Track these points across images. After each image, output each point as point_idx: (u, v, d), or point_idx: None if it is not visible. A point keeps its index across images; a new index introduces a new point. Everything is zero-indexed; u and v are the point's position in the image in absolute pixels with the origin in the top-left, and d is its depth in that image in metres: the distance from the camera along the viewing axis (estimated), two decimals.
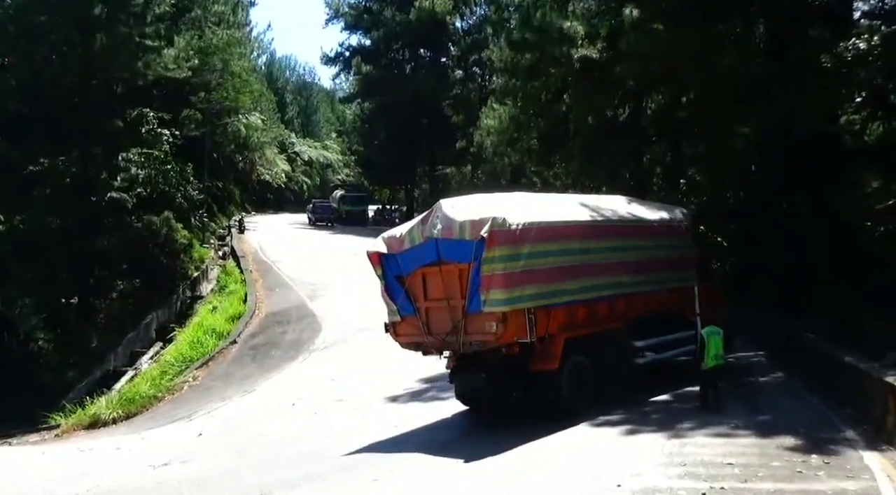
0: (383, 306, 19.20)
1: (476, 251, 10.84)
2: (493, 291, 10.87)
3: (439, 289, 11.43)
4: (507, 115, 28.22)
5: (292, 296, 26.72)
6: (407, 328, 11.93)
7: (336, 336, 20.74)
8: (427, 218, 11.62)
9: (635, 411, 11.93)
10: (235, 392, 16.72)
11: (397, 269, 11.88)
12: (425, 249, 11.51)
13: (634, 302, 12.79)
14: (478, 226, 10.92)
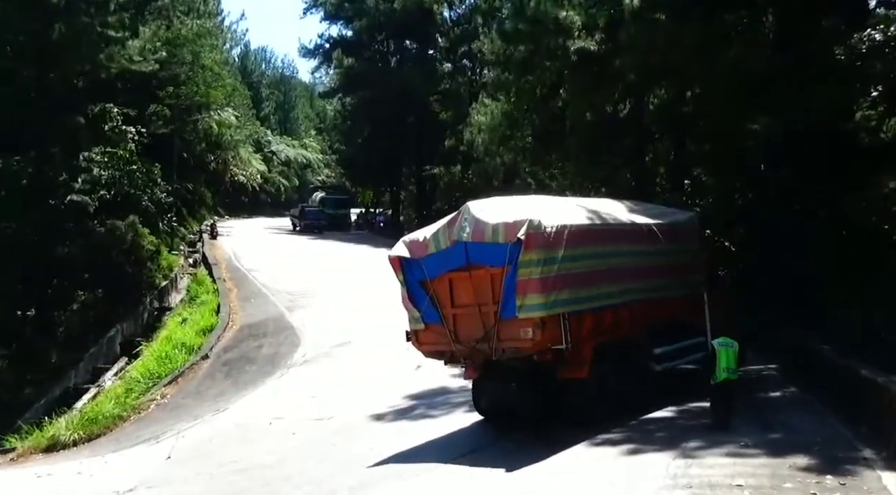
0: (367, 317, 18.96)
1: (511, 254, 11.13)
2: (529, 296, 11.14)
3: (468, 295, 11.68)
4: (500, 112, 28.29)
5: (269, 307, 26.62)
6: (431, 336, 12.15)
7: (316, 350, 20.67)
8: (454, 221, 11.84)
9: (637, 429, 11.94)
10: (207, 410, 16.60)
11: (420, 274, 12.10)
12: (453, 253, 11.75)
13: (653, 308, 13.15)
14: (513, 229, 11.21)
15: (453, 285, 11.85)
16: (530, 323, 11.17)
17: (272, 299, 27.84)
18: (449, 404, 14.69)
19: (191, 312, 27.50)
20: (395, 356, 19.01)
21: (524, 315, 11.16)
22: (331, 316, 24.54)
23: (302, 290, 28.97)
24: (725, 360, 11.70)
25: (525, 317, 11.16)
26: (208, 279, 32.18)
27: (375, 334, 21.57)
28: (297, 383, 17.79)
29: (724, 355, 11.74)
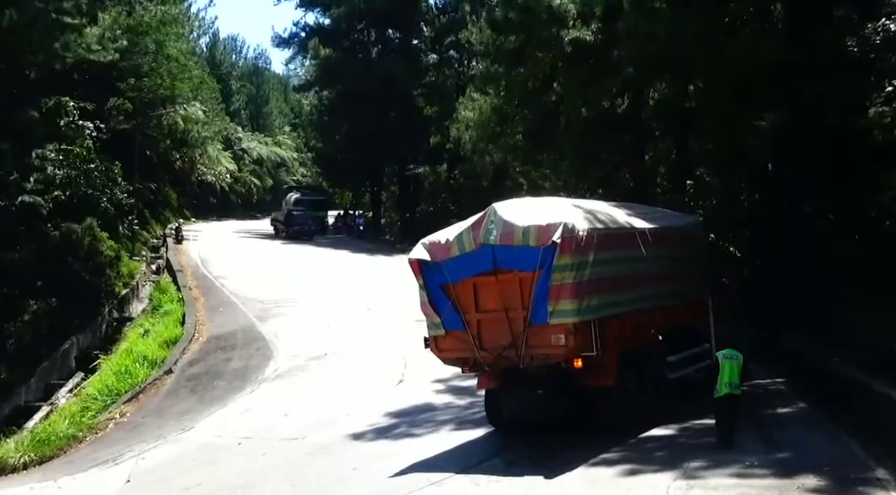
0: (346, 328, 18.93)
1: (543, 258, 11.61)
2: (561, 301, 11.61)
3: (495, 300, 12.11)
4: (489, 107, 28.36)
5: (239, 317, 26.51)
6: (452, 343, 12.51)
7: (290, 363, 20.60)
8: (479, 223, 12.22)
9: (637, 447, 11.96)
10: (171, 430, 16.49)
11: (442, 278, 12.46)
12: (479, 257, 12.13)
13: (666, 314, 13.67)
14: (545, 232, 11.67)
15: (478, 290, 12.28)
16: (562, 329, 11.64)
17: (242, 308, 27.72)
18: (433, 422, 14.67)
19: (153, 323, 27.32)
20: (376, 370, 18.98)
21: (556, 321, 11.64)
22: (306, 326, 24.47)
23: (275, 299, 28.88)
24: (728, 374, 11.76)
25: (557, 323, 11.64)
26: (173, 287, 31.99)
27: (354, 346, 21.52)
28: (268, 399, 17.70)
29: (728, 368, 11.79)
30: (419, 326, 23.69)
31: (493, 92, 28.05)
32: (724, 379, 11.74)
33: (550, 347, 11.77)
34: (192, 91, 52.78)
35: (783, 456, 11.29)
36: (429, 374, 17.80)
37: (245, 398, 18.11)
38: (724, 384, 11.74)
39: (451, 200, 52.36)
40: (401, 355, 19.86)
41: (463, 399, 15.95)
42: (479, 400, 15.81)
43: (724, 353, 11.93)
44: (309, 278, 33.53)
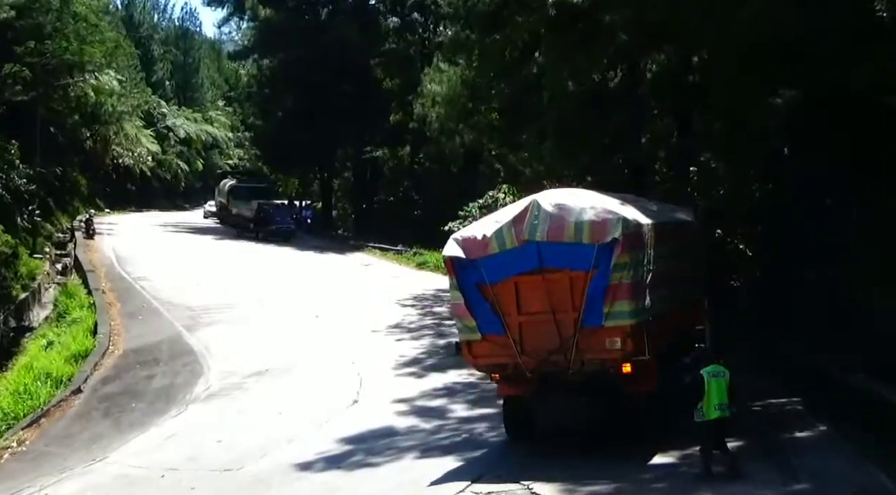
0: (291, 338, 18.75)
1: (598, 256, 12.37)
2: (618, 302, 12.37)
3: (540, 301, 12.78)
4: (459, 79, 28.40)
5: (163, 326, 26.24)
6: (489, 348, 13.13)
7: (224, 380, 20.43)
8: (521, 217, 12.87)
9: (630, 477, 12.01)
10: (80, 460, 16.24)
11: (478, 278, 13.06)
12: (522, 254, 12.81)
13: (679, 314, 14.69)
14: (601, 228, 12.43)
15: (521, 290, 12.91)
16: (619, 331, 12.39)
17: (167, 316, 27.45)
18: (395, 449, 14.63)
19: (59, 333, 26.93)
20: (326, 388, 18.89)
21: (612, 323, 12.38)
22: (243, 337, 24.29)
23: (206, 305, 28.64)
24: (717, 395, 11.83)
25: (613, 326, 12.39)
26: (82, 290, 31.58)
27: (301, 361, 21.42)
28: (198, 423, 17.52)
29: (716, 388, 11.84)
30: (376, 337, 23.91)
31: (465, 62, 28.09)
32: (713, 402, 11.79)
33: (604, 351, 12.50)
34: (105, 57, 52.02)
35: (801, 488, 11.41)
36: (388, 393, 17.73)
37: (170, 422, 17.90)
38: (713, 406, 11.79)
39: (416, 188, 52.40)
40: (355, 371, 19.77)
41: (429, 421, 15.93)
42: (448, 423, 15.83)
43: (709, 371, 11.97)
44: (247, 280, 33.31)
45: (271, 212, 49.25)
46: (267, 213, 48.86)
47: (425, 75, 36.33)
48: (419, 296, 30.61)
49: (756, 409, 16.02)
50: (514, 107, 25.53)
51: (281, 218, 48.95)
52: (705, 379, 11.87)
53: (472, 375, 19.22)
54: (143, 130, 69.64)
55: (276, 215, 48.97)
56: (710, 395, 11.80)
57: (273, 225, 47.72)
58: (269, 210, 49.76)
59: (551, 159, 24.57)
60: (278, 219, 48.40)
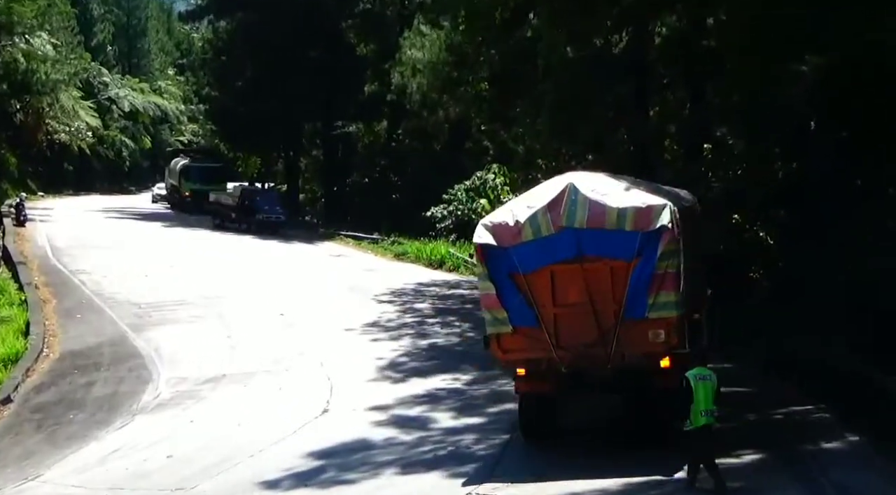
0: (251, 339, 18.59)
1: (643, 244, 13.15)
2: (663, 293, 13.16)
3: (578, 291, 13.49)
4: (443, 44, 28.30)
5: (105, 326, 26.08)
6: (520, 341, 13.74)
7: (176, 387, 20.32)
8: (557, 202, 13.50)
9: None
10: (9, 479, 16.12)
11: (510, 267, 13.66)
12: (558, 242, 13.48)
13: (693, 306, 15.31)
14: (645, 215, 13.21)
15: (556, 279, 13.56)
16: (663, 324, 13.17)
17: (110, 314, 27.27)
18: (371, 464, 14.59)
19: None
20: (292, 396, 18.83)
21: (656, 314, 13.14)
22: (198, 338, 24.16)
23: (155, 301, 28.48)
24: (704, 400, 11.96)
25: (657, 318, 13.16)
26: (12, 285, 31.34)
27: (264, 364, 21.34)
28: (146, 437, 17.42)
29: (703, 393, 11.98)
30: (349, 338, 23.87)
31: (449, 25, 27.98)
32: (700, 407, 11.93)
33: (647, 344, 13.22)
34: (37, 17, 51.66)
35: None
36: (362, 400, 17.68)
37: (113, 435, 17.80)
38: (700, 412, 11.94)
39: (393, 169, 52.30)
40: (325, 376, 19.72)
41: (409, 433, 15.90)
42: (431, 435, 15.80)
43: (694, 373, 12.11)
44: (202, 273, 33.14)
45: (258, 200, 48.28)
46: (253, 201, 47.89)
47: (405, 40, 36.24)
48: (398, 291, 30.55)
49: (777, 418, 16.10)
50: (506, 76, 25.47)
51: (269, 206, 47.79)
52: (691, 383, 12.01)
53: (456, 380, 19.23)
54: (81, 102, 69.04)
55: (262, 203, 47.97)
56: (698, 400, 11.97)
57: (260, 214, 46.74)
58: (255, 197, 48.81)
59: (547, 135, 24.54)
60: (266, 208, 47.30)
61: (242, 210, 47.41)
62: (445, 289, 31.85)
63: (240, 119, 54.59)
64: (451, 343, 23.14)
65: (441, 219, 40.81)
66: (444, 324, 25.25)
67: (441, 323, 25.47)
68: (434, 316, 26.53)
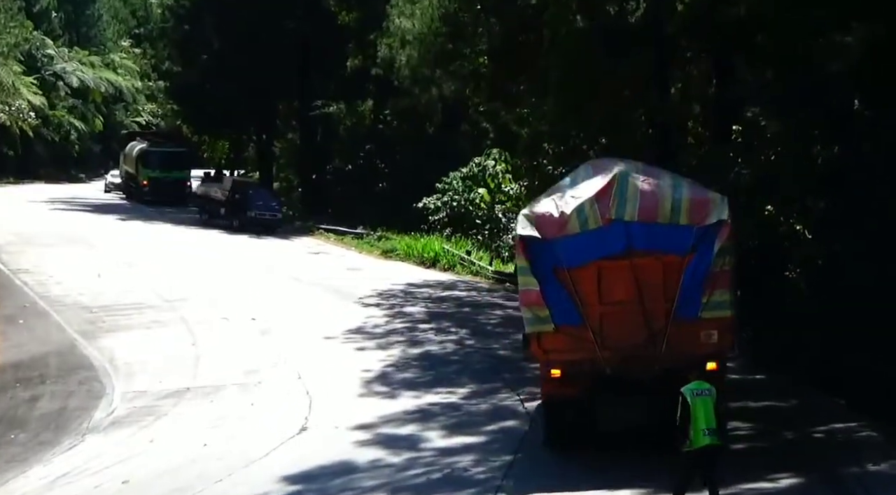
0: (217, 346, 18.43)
1: (699, 239, 13.90)
2: (718, 292, 13.92)
3: (626, 288, 14.18)
4: (436, 13, 28.20)
5: (52, 333, 26.06)
6: (563, 341, 14.31)
7: (134, 403, 20.30)
8: (605, 192, 14.15)
9: None
10: None
11: (553, 260, 14.25)
12: (607, 235, 14.15)
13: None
14: (701, 207, 14.00)
15: (604, 276, 14.23)
16: (717, 324, 13.98)
17: (57, 319, 27.25)
18: (354, 489, 14.57)
19: None
20: (266, 412, 18.81)
21: (710, 314, 13.91)
22: (158, 346, 24.13)
23: (109, 304, 28.47)
24: (705, 417, 11.97)
25: (710, 317, 13.93)
26: None
27: (233, 376, 21.32)
28: (98, 460, 17.36)
29: (703, 409, 12.01)
30: (330, 346, 23.83)
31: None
32: (700, 425, 11.92)
33: (698, 346, 13.82)
34: None
35: None
36: (345, 418, 17.66)
37: (60, 458, 17.77)
38: (701, 432, 11.91)
39: (380, 154, 52.23)
40: (303, 389, 19.70)
41: (398, 454, 15.89)
42: (422, 456, 15.79)
43: (691, 388, 12.12)
44: (163, 272, 33.13)
45: (250, 194, 47.77)
46: (244, 195, 47.43)
47: (392, 7, 35.99)
48: (386, 293, 30.55)
49: (817, 436, 16.07)
50: (508, 49, 25.40)
51: (263, 202, 47.38)
52: (688, 399, 12.03)
53: (452, 394, 19.23)
54: (22, 78, 68.84)
55: (256, 198, 47.48)
56: (697, 418, 11.97)
57: (252, 211, 46.26)
58: (246, 191, 48.25)
59: (554, 116, 24.49)
60: (259, 203, 46.82)
61: (233, 205, 46.96)
62: (440, 290, 31.86)
63: (205, 97, 54.54)
64: (446, 351, 23.14)
65: (434, 211, 40.70)
66: (438, 331, 25.26)
67: (435, 329, 25.48)
68: (427, 321, 26.54)
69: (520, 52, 25.07)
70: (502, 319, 26.65)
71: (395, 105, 45.86)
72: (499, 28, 25.42)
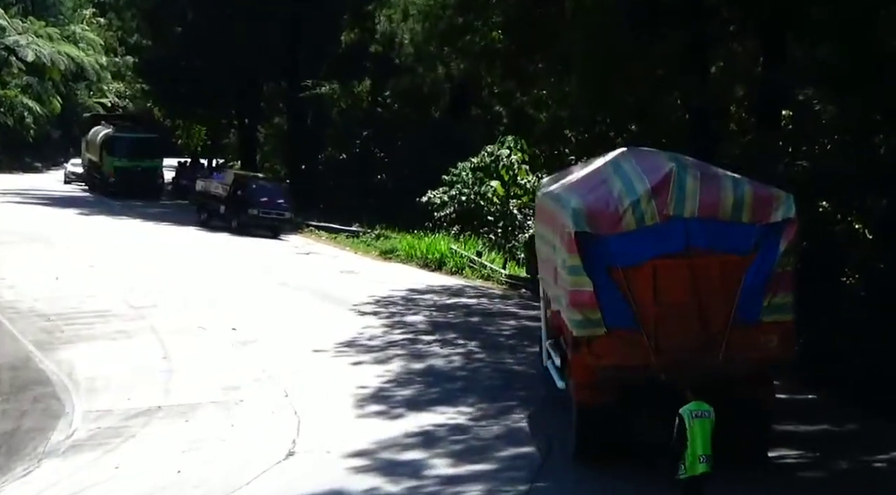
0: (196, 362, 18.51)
1: (761, 238, 14.76)
2: (781, 294, 14.77)
3: (683, 289, 14.87)
4: None
5: (3, 343, 26.04)
6: (614, 345, 14.88)
7: (97, 423, 20.31)
8: (663, 187, 14.91)
9: None
10: None
11: (607, 258, 14.93)
12: (664, 232, 14.89)
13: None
14: (765, 204, 14.87)
15: (659, 275, 14.88)
16: (777, 328, 14.77)
17: (9, 328, 27.27)
18: None
19: None
20: (247, 434, 18.84)
21: (771, 318, 14.72)
22: (125, 359, 24.11)
23: (68, 311, 28.50)
24: (702, 442, 12.36)
25: (771, 321, 14.73)
26: None
27: (209, 393, 21.36)
28: (56, 488, 17.45)
29: (700, 433, 12.40)
30: (321, 360, 23.86)
31: None
32: (697, 451, 12.32)
33: (757, 351, 14.73)
34: None
35: None
36: (338, 441, 17.70)
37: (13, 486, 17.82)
38: (697, 458, 12.30)
39: (379, 141, 52.28)
40: (291, 409, 19.74)
41: (396, 482, 15.95)
42: (425, 485, 15.84)
43: (690, 409, 12.48)
44: (130, 275, 33.17)
45: (253, 189, 46.46)
46: (246, 190, 46.32)
47: None
48: (384, 300, 30.59)
49: (877, 465, 16.12)
50: (524, 22, 25.42)
51: (269, 199, 46.16)
52: (686, 422, 12.39)
53: (460, 414, 19.25)
54: None
55: (259, 194, 46.24)
56: (694, 443, 12.34)
57: (255, 209, 45.43)
58: (249, 185, 46.78)
59: (577, 99, 24.52)
60: (263, 201, 45.76)
61: (233, 202, 46.20)
62: (446, 296, 31.90)
63: (179, 75, 54.70)
64: (453, 366, 23.15)
65: (440, 206, 40.77)
66: (443, 343, 25.26)
67: (440, 341, 25.49)
68: (431, 332, 26.54)
69: (538, 26, 25.12)
70: (516, 330, 26.67)
71: (395, 85, 45.92)
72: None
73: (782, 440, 16.55)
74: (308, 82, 52.99)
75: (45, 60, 77.33)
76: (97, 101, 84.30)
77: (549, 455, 16.69)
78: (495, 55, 28.00)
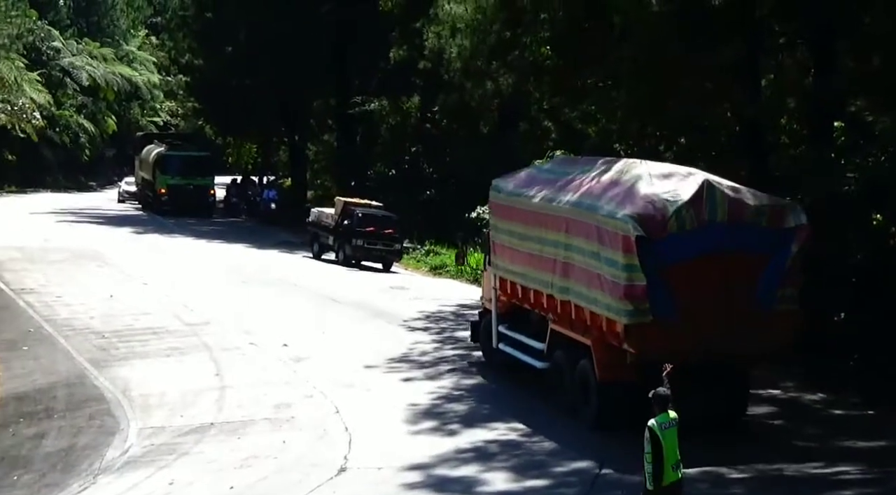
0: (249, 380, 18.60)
1: (777, 240, 17.45)
2: (790, 288, 17.55)
3: (713, 284, 17.34)
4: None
5: (59, 361, 26.23)
6: (658, 333, 17.25)
7: (151, 440, 20.37)
8: (698, 199, 17.32)
9: None
10: None
11: (657, 258, 17.19)
12: (701, 235, 17.37)
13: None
14: (778, 213, 17.62)
15: (695, 272, 17.27)
16: (789, 316, 17.49)
17: (65, 345, 27.43)
18: None
19: None
20: (298, 450, 18.82)
21: (784, 306, 17.46)
22: (178, 376, 24.20)
23: (122, 329, 28.63)
24: (672, 452, 12.35)
25: (784, 309, 17.47)
26: None
27: (262, 409, 21.36)
28: None
29: (670, 443, 12.37)
30: (372, 376, 23.81)
31: None
32: (670, 460, 12.31)
33: (770, 334, 17.42)
34: None
35: None
36: (390, 456, 17.64)
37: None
38: (670, 467, 12.32)
39: (428, 157, 52.25)
40: (342, 425, 19.69)
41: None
42: None
43: (658, 420, 12.39)
44: (184, 293, 33.30)
45: (359, 219, 42.51)
46: (353, 219, 42.62)
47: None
48: (435, 316, 30.53)
49: None
50: (573, 37, 25.32)
51: (376, 228, 42.48)
52: (656, 432, 12.31)
53: (513, 430, 19.14)
54: (25, 73, 69.55)
55: (365, 223, 42.45)
56: (668, 453, 12.33)
57: (359, 239, 42.04)
58: (355, 214, 42.75)
59: (626, 113, 24.39)
60: (369, 231, 42.31)
61: (340, 233, 43.35)
62: None
63: (231, 94, 54.96)
64: (505, 383, 23.04)
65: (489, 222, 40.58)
66: None
67: None
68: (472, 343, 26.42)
69: (586, 41, 24.97)
70: None
71: (444, 102, 45.79)
72: (563, 13, 25.31)
73: (842, 455, 16.61)
74: (357, 99, 53.10)
75: (100, 81, 77.97)
76: (150, 120, 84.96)
77: (602, 470, 16.55)
78: (544, 70, 27.88)
